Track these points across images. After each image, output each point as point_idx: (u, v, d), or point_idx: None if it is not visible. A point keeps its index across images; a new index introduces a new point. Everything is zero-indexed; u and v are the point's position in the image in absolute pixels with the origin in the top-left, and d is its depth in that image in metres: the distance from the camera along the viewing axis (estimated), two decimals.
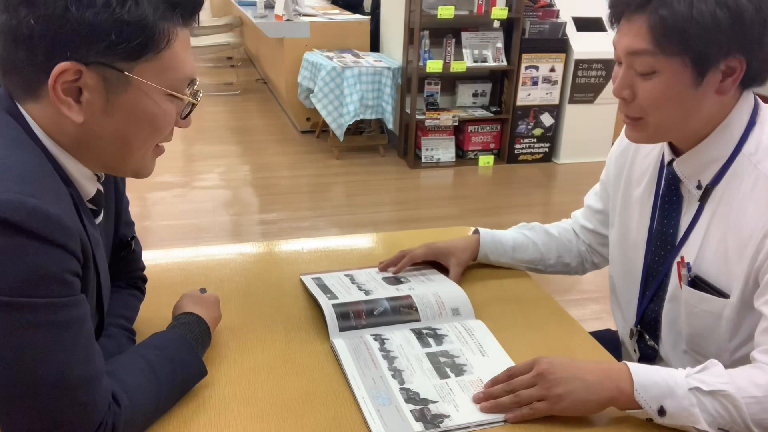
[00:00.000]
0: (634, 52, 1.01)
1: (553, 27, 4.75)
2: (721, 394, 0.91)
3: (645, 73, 1.02)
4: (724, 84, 1.01)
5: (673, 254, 1.15)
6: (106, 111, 0.83)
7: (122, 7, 0.79)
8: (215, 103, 6.37)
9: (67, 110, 0.81)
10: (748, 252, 1.02)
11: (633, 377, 0.94)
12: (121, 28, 0.79)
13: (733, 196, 1.05)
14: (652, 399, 0.93)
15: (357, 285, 1.30)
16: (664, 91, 1.02)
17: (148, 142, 0.89)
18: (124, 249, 1.11)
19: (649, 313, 1.23)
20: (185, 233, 3.68)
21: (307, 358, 1.12)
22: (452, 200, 4.46)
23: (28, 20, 0.77)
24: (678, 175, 1.13)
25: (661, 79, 1.01)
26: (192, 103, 0.91)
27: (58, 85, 0.79)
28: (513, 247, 1.42)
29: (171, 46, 0.84)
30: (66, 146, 0.85)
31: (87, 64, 0.79)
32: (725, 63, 0.99)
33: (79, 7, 0.77)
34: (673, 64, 0.99)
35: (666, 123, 1.06)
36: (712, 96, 1.02)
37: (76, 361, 0.79)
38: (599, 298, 3.00)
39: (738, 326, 1.07)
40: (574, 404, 0.96)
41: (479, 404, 1.00)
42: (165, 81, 0.86)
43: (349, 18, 5.69)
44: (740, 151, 1.05)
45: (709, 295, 1.08)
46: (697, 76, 0.99)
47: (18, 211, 0.73)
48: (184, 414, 0.97)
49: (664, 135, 1.11)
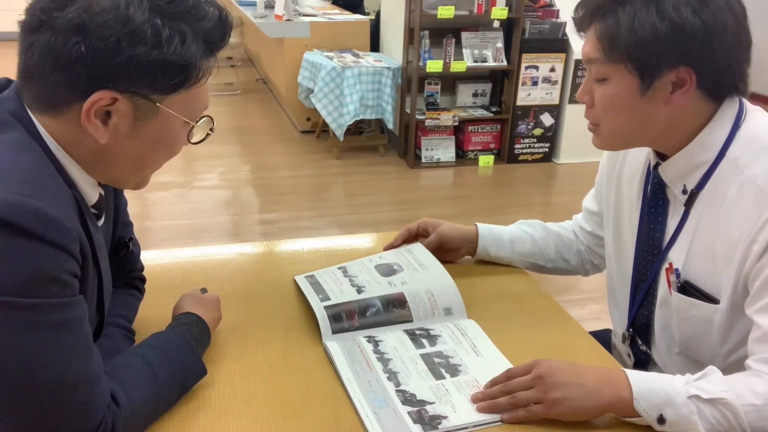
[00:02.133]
0: (588, 59, 1.07)
1: (553, 27, 4.75)
2: (720, 402, 0.91)
3: (599, 79, 1.07)
4: (674, 95, 1.02)
5: (661, 259, 1.15)
6: (131, 135, 0.86)
7: (169, 47, 0.81)
8: (215, 103, 6.34)
9: (94, 131, 0.83)
10: (736, 257, 1.01)
11: (632, 386, 0.94)
12: (167, 67, 0.82)
13: (719, 201, 1.05)
14: (651, 408, 0.93)
15: (350, 278, 1.30)
16: (614, 98, 1.06)
17: (161, 162, 0.94)
18: (122, 250, 1.11)
19: (640, 317, 1.23)
20: (185, 233, 3.68)
21: (307, 357, 1.12)
22: (452, 200, 4.46)
23: (78, 47, 0.78)
24: (663, 179, 1.13)
25: (611, 85, 1.06)
26: (207, 134, 0.96)
27: (93, 110, 0.81)
28: (511, 240, 1.43)
29: (201, 80, 0.88)
30: (77, 158, 0.87)
31: (123, 93, 0.82)
32: (675, 74, 1.01)
33: (131, 44, 0.79)
34: (619, 71, 1.04)
35: (617, 130, 1.10)
36: (662, 107, 1.04)
37: (74, 361, 0.79)
38: (599, 298, 3.00)
39: (729, 331, 1.07)
40: (571, 409, 0.96)
41: (476, 404, 1.00)
42: (188, 111, 0.89)
43: (349, 18, 5.69)
44: (725, 156, 1.05)
45: (699, 300, 1.08)
46: (643, 85, 1.02)
47: (18, 212, 0.73)
48: (184, 414, 0.97)
49: (619, 142, 1.14)
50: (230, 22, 0.90)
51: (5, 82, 0.90)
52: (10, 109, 0.83)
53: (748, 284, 1.01)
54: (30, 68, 0.82)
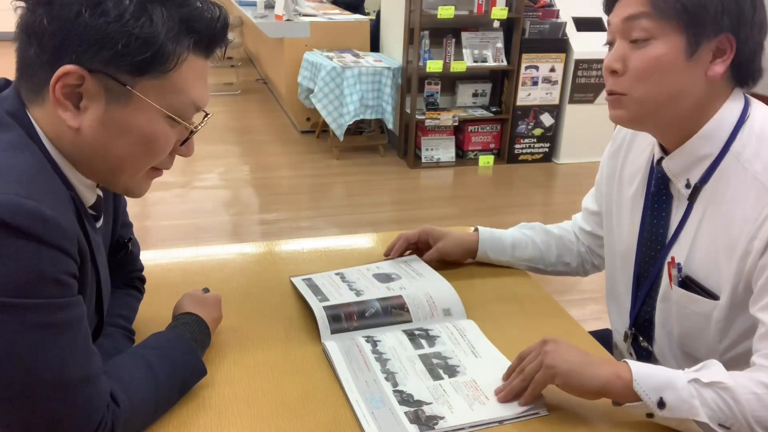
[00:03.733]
0: (631, 16, 1.02)
1: (553, 27, 4.75)
2: (719, 385, 0.91)
3: (640, 40, 1.02)
4: (714, 65, 1.01)
5: (664, 254, 1.15)
6: (103, 122, 0.83)
7: (135, 21, 0.80)
8: (215, 103, 6.36)
9: (63, 112, 0.82)
10: (737, 254, 1.01)
11: (632, 370, 0.94)
12: (129, 40, 0.80)
13: (722, 196, 1.05)
14: (651, 390, 0.92)
15: (348, 284, 1.30)
16: (657, 60, 1.01)
17: (141, 161, 0.89)
18: (121, 250, 1.11)
19: (642, 314, 1.23)
20: (185, 233, 3.68)
21: (307, 357, 1.12)
22: (452, 200, 4.46)
23: (42, 18, 0.79)
24: (667, 173, 1.12)
25: (655, 46, 1.01)
26: (191, 131, 0.91)
27: (59, 86, 0.80)
28: (512, 244, 1.42)
29: (179, 68, 0.85)
30: (65, 153, 0.86)
31: (91, 71, 0.80)
32: (716, 42, 1.00)
33: (93, 14, 0.79)
34: (666, 30, 1.00)
35: (650, 99, 1.04)
36: (701, 77, 1.02)
37: (73, 361, 0.79)
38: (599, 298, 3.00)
39: (727, 328, 1.07)
40: (570, 375, 0.96)
41: (498, 397, 1.02)
42: (167, 103, 0.86)
43: (349, 18, 5.69)
44: (729, 150, 1.05)
45: (699, 296, 1.08)
46: (691, 45, 1.00)
47: (15, 213, 0.73)
48: (184, 414, 0.97)
49: (646, 115, 1.07)
50: (223, 17, 0.88)
51: (3, 83, 0.90)
52: (8, 109, 0.83)
53: (752, 282, 1.00)
54: (18, 55, 0.83)
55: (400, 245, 1.42)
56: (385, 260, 1.42)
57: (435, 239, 1.41)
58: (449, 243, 1.41)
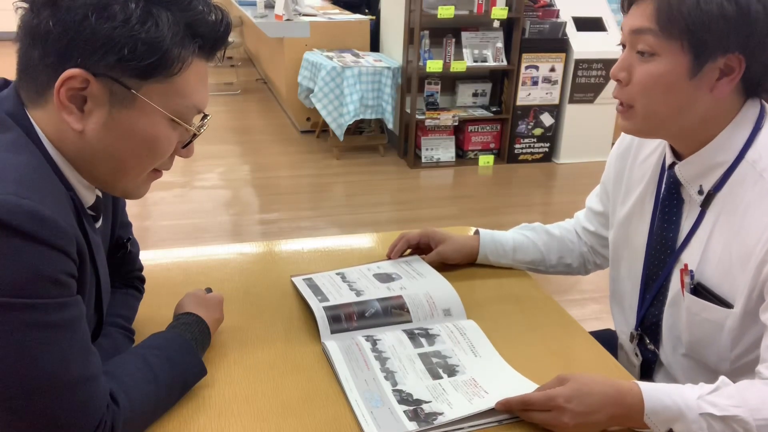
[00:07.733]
0: (637, 29, 1.02)
1: (553, 27, 4.75)
2: (734, 420, 0.89)
3: (645, 53, 1.02)
4: (720, 83, 1.00)
5: (673, 259, 1.14)
6: (107, 125, 0.84)
7: (142, 26, 0.80)
8: (215, 103, 6.37)
9: (67, 115, 0.82)
10: (753, 263, 1.00)
11: (644, 401, 0.93)
12: (135, 45, 0.80)
13: (737, 204, 1.03)
14: (661, 422, 0.92)
15: (348, 284, 1.30)
16: (659, 76, 1.01)
17: (144, 164, 0.90)
18: (121, 250, 1.11)
19: (649, 317, 1.22)
20: (185, 233, 3.68)
21: (307, 357, 1.12)
22: (452, 200, 4.46)
23: (47, 21, 0.79)
24: (679, 179, 1.11)
25: (658, 63, 1.01)
26: (194, 134, 0.92)
27: (64, 89, 0.80)
28: (513, 248, 1.42)
29: (183, 73, 0.85)
30: (66, 155, 0.86)
31: (96, 75, 0.80)
32: (724, 60, 0.98)
33: (99, 18, 0.79)
34: (672, 48, 0.99)
35: (655, 113, 1.04)
36: (706, 94, 1.01)
37: (72, 361, 0.79)
38: (599, 298, 3.00)
39: (740, 336, 1.05)
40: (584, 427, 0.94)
41: (496, 404, 0.98)
42: (170, 106, 0.86)
43: (349, 18, 5.69)
44: (744, 158, 1.04)
45: (712, 304, 1.07)
46: (694, 66, 0.99)
47: (13, 213, 0.73)
48: (184, 414, 0.97)
49: (653, 128, 1.08)
50: (226, 21, 0.88)
51: (2, 83, 0.90)
52: (7, 109, 0.83)
53: (765, 291, 0.99)
54: (19, 57, 0.83)
55: (401, 246, 1.42)
56: (385, 260, 1.42)
57: (436, 242, 1.41)
58: (449, 247, 1.40)
